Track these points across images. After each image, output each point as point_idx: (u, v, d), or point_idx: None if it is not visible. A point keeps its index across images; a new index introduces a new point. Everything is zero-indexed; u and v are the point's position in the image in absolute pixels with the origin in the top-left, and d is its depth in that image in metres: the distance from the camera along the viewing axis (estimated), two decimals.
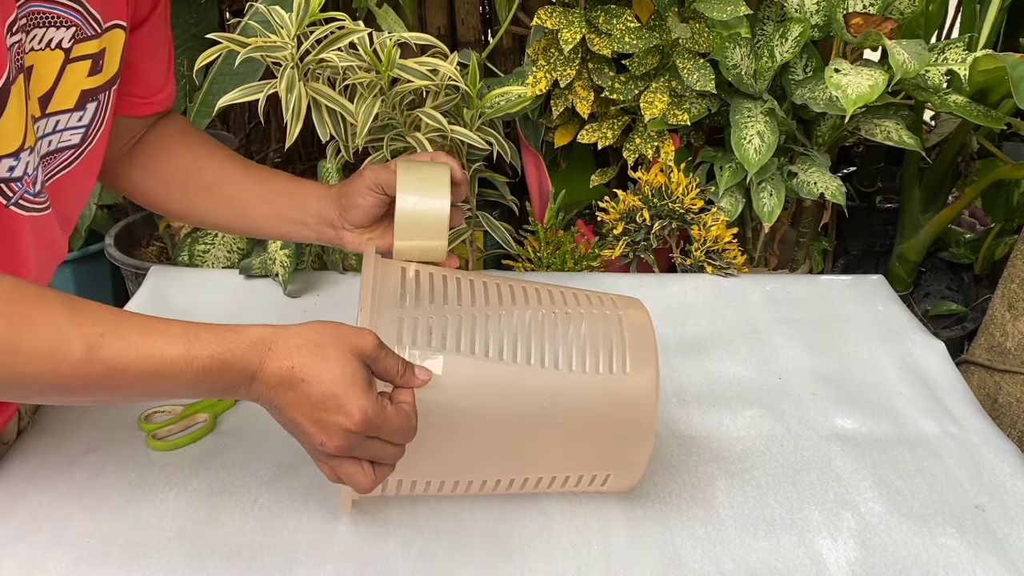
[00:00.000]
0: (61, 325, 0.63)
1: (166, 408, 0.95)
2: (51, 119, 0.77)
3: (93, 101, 0.81)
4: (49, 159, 0.79)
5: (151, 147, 0.96)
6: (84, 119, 0.80)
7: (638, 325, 0.79)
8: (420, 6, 1.65)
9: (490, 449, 0.77)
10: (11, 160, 0.71)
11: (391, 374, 0.70)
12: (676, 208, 1.35)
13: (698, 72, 1.36)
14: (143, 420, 0.93)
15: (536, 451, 0.79)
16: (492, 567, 0.78)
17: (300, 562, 0.77)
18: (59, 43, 0.74)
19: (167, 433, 0.92)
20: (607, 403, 0.77)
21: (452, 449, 0.76)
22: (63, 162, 0.81)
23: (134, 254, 1.63)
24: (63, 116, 0.78)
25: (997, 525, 0.85)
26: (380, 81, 1.19)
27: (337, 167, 1.32)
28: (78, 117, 0.80)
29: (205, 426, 0.93)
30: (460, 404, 0.74)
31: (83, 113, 0.80)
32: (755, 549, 0.81)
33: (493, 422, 0.75)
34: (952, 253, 1.74)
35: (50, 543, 0.78)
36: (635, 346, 0.77)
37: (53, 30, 0.73)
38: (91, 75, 0.79)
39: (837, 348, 1.13)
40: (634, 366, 0.77)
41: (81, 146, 0.82)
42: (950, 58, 1.36)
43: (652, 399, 0.77)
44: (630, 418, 0.77)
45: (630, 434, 0.78)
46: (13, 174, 0.72)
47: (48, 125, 0.77)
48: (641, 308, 0.82)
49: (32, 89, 0.73)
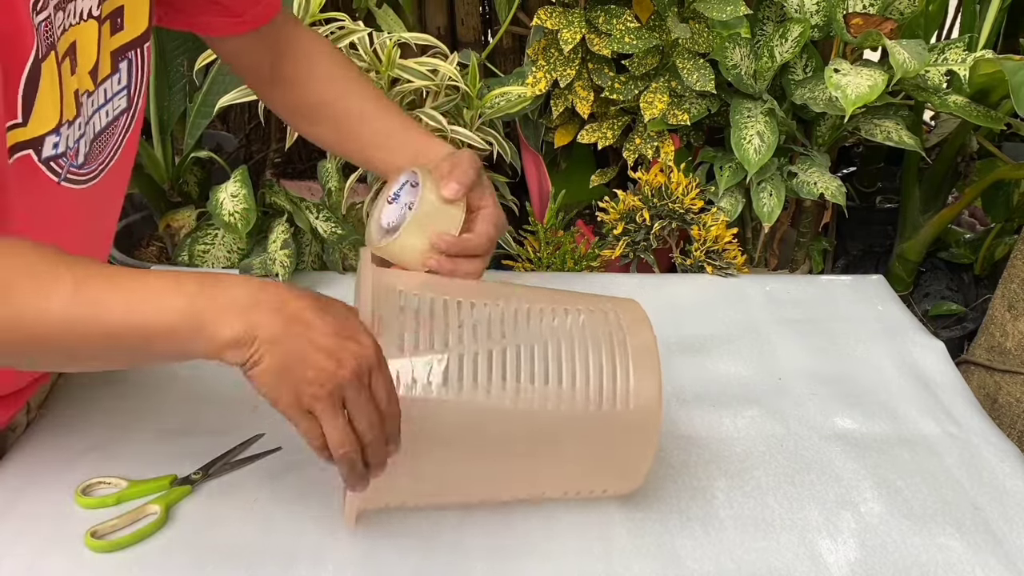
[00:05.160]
0: (52, 265, 0.65)
1: (110, 480, 0.84)
2: (100, 89, 0.78)
3: (123, 60, 0.81)
4: (111, 130, 0.80)
5: (287, 66, 0.96)
6: (122, 80, 0.81)
7: (642, 346, 0.77)
8: (420, 6, 1.65)
9: (490, 468, 0.77)
10: (54, 136, 0.72)
11: None
12: (676, 208, 1.35)
13: (698, 72, 1.36)
14: (80, 494, 0.82)
15: (537, 470, 0.79)
16: (493, 568, 0.78)
17: (300, 562, 0.77)
18: (89, 12, 0.74)
19: (110, 529, 0.79)
20: (610, 426, 0.76)
21: (452, 469, 0.76)
22: (122, 129, 0.82)
23: (134, 254, 1.63)
24: (107, 83, 0.79)
25: (997, 525, 0.85)
26: (380, 81, 1.19)
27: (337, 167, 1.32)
28: (117, 80, 0.80)
29: (156, 519, 0.80)
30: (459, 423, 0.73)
31: (119, 75, 0.80)
32: (755, 549, 0.81)
33: (494, 444, 0.75)
34: (952, 253, 1.74)
35: (50, 543, 0.78)
36: (639, 367, 0.76)
37: (80, 1, 0.73)
38: (113, 34, 0.79)
39: (837, 348, 1.13)
40: (638, 385, 0.76)
41: (130, 109, 0.83)
42: (950, 58, 1.36)
43: (656, 418, 0.76)
44: (634, 436, 0.77)
45: (634, 450, 0.78)
46: (58, 150, 0.73)
47: (100, 96, 0.78)
48: (646, 326, 0.79)
49: (81, 64, 0.74)
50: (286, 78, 0.96)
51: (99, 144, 0.80)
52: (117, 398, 0.95)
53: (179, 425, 0.92)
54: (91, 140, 0.78)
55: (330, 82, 0.95)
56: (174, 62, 1.53)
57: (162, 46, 1.51)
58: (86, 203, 0.79)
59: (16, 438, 0.91)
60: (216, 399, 0.95)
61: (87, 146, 0.77)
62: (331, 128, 0.96)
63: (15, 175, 0.70)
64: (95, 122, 0.78)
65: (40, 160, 0.72)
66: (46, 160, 0.73)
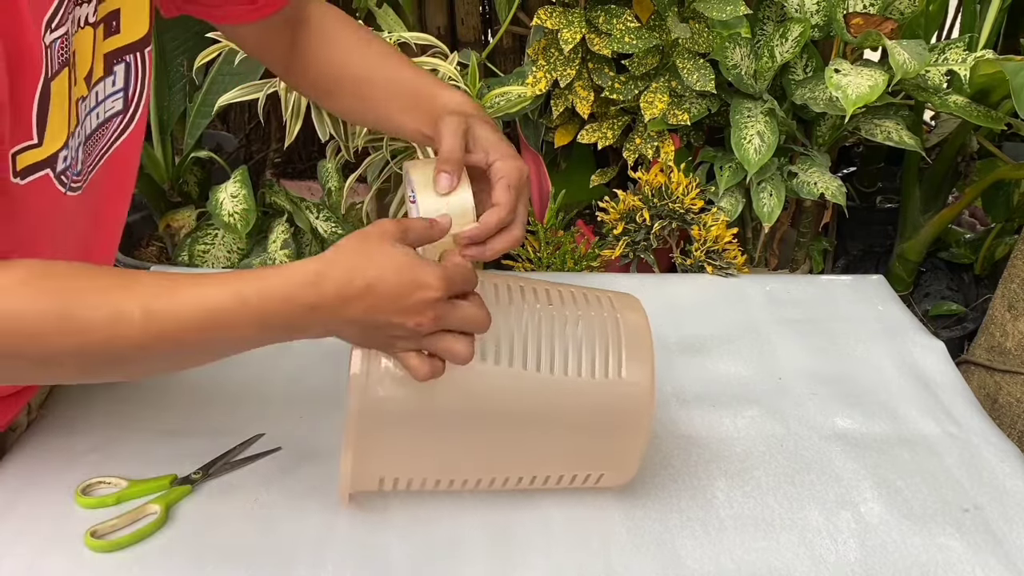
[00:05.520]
0: (115, 292, 0.65)
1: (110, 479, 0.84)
2: (92, 92, 0.77)
3: (119, 63, 0.80)
4: (101, 132, 0.80)
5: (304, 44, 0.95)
6: (117, 83, 0.81)
7: (634, 326, 0.79)
8: (420, 6, 1.65)
9: (486, 448, 0.77)
10: (64, 151, 0.72)
11: (423, 236, 0.71)
12: (676, 208, 1.35)
13: (698, 72, 1.36)
14: (80, 494, 0.82)
15: (532, 451, 0.79)
16: (492, 568, 0.78)
17: (300, 562, 0.77)
18: (87, 19, 0.74)
19: (110, 529, 0.79)
20: (604, 406, 0.77)
21: (448, 448, 0.77)
22: (114, 131, 0.82)
23: (134, 254, 1.63)
24: (99, 86, 0.78)
25: (996, 525, 0.85)
26: None
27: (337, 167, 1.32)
28: (111, 82, 0.80)
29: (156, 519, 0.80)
30: (457, 406, 0.74)
31: (113, 77, 0.80)
32: (755, 549, 0.81)
33: (490, 422, 0.75)
34: (952, 253, 1.74)
35: (50, 543, 0.78)
36: (631, 347, 0.78)
37: (79, 8, 0.73)
38: (107, 37, 0.79)
39: (837, 348, 1.13)
40: (630, 368, 0.77)
41: (126, 112, 0.83)
42: (950, 58, 1.36)
43: (648, 400, 0.77)
44: (626, 418, 0.78)
45: (626, 434, 0.78)
46: (67, 163, 0.73)
47: (92, 99, 0.77)
48: (638, 308, 0.82)
49: (79, 71, 0.74)
50: (305, 56, 0.95)
51: (88, 147, 0.79)
52: (117, 399, 0.95)
53: (179, 425, 0.92)
54: (82, 144, 0.78)
55: (347, 53, 0.94)
56: (174, 62, 1.53)
57: (162, 46, 1.51)
58: (83, 208, 0.79)
59: (16, 438, 0.91)
60: (216, 399, 0.95)
61: (81, 152, 0.77)
62: (355, 99, 0.95)
63: (33, 194, 0.71)
64: (86, 125, 0.77)
65: (55, 175, 0.73)
66: (59, 175, 0.73)
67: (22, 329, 0.63)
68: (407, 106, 0.90)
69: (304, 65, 0.95)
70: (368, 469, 0.76)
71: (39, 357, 0.65)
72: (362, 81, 0.93)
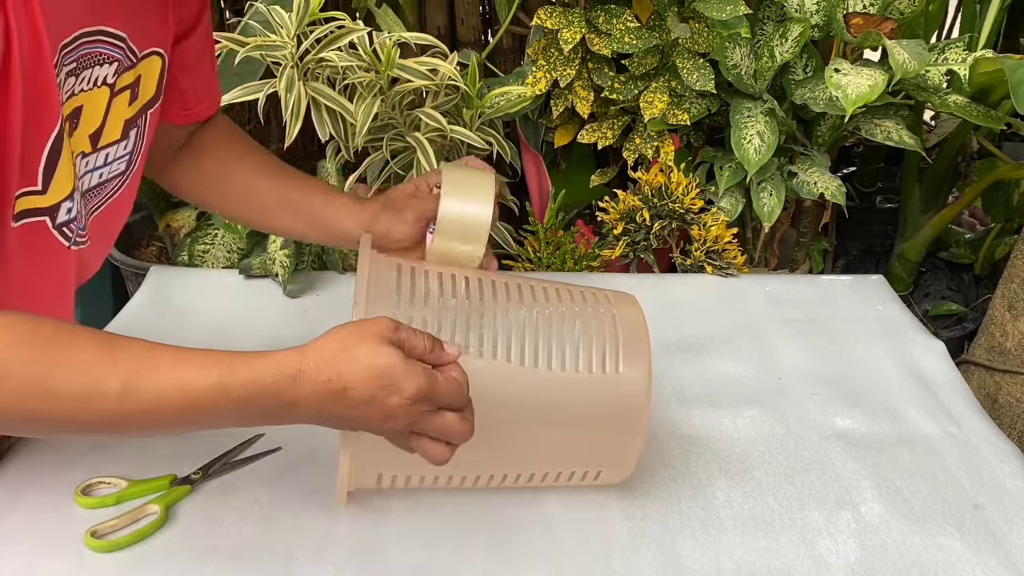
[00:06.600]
0: (96, 365, 0.64)
1: (110, 480, 0.85)
2: (101, 153, 0.79)
3: (134, 127, 0.83)
4: (98, 190, 0.81)
5: (192, 150, 0.99)
6: (128, 147, 0.83)
7: (631, 322, 0.80)
8: (420, 6, 1.64)
9: (484, 446, 0.77)
10: (68, 202, 0.74)
11: (419, 351, 0.70)
12: (676, 208, 1.35)
13: (698, 72, 1.36)
14: (80, 494, 0.83)
15: (530, 447, 0.79)
16: (492, 568, 0.78)
17: (300, 562, 0.77)
18: (104, 79, 0.76)
19: (110, 529, 0.80)
20: (601, 401, 0.77)
21: None
22: (111, 190, 0.83)
23: (134, 254, 1.63)
24: (111, 148, 0.80)
25: (996, 525, 0.85)
26: (380, 81, 1.19)
27: (337, 167, 1.32)
28: (124, 146, 0.82)
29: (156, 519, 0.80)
30: None
31: (127, 141, 0.82)
32: (755, 549, 0.81)
33: (487, 419, 0.75)
34: (952, 253, 1.74)
35: (50, 543, 0.78)
36: (628, 343, 0.78)
37: (98, 68, 0.75)
38: (131, 104, 0.81)
39: (837, 348, 1.13)
40: (627, 364, 0.77)
41: (126, 172, 0.84)
42: (950, 58, 1.36)
43: (645, 396, 0.77)
44: (624, 415, 0.78)
45: (624, 430, 0.79)
46: (71, 216, 0.75)
47: (99, 159, 0.79)
48: (634, 304, 0.82)
49: (82, 128, 0.75)
50: (204, 170, 0.99)
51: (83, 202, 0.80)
52: None
53: None
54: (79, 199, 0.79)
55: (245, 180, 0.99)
56: None
57: None
58: (79, 259, 0.81)
59: (16, 439, 0.91)
60: None
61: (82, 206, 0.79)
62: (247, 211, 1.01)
63: (24, 239, 0.72)
64: (84, 181, 0.79)
65: (54, 226, 0.74)
66: (59, 226, 0.74)
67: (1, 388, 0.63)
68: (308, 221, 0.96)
69: (194, 174, 0.99)
70: (366, 465, 0.76)
71: (14, 415, 0.65)
72: (259, 207, 0.98)
